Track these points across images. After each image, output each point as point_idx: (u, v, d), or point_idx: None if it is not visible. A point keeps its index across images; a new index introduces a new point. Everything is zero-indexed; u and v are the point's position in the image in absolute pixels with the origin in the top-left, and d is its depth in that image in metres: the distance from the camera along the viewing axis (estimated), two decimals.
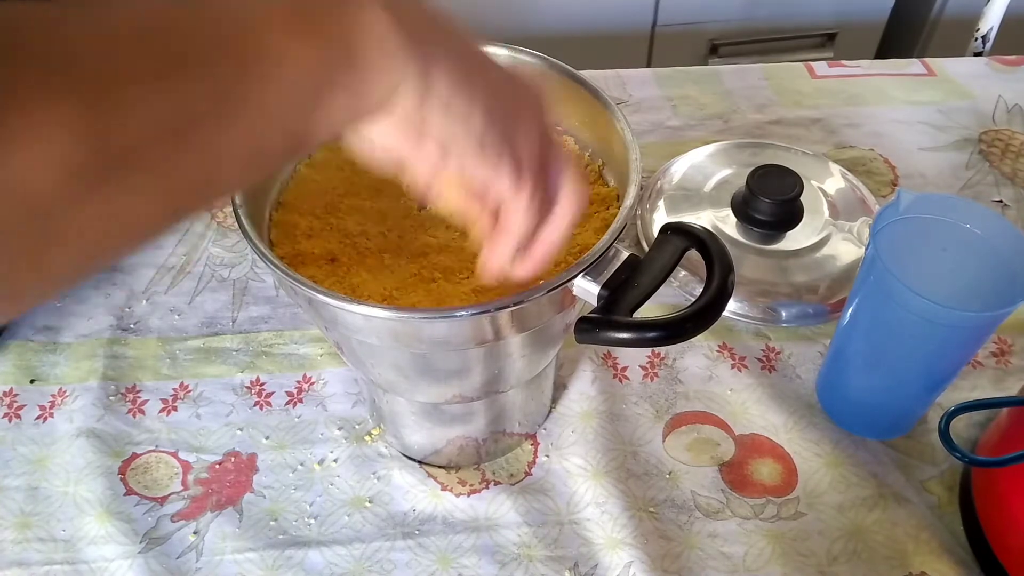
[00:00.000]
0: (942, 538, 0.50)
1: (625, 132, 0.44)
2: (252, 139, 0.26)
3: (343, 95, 0.28)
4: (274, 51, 0.26)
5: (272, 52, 0.26)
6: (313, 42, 0.26)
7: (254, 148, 0.27)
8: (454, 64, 0.30)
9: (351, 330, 0.39)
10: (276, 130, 0.27)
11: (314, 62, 0.26)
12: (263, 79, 0.25)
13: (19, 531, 0.51)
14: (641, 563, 0.48)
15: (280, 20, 0.26)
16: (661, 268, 0.37)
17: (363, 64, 0.28)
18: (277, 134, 0.27)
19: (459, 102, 0.30)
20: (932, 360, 0.49)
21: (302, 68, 0.26)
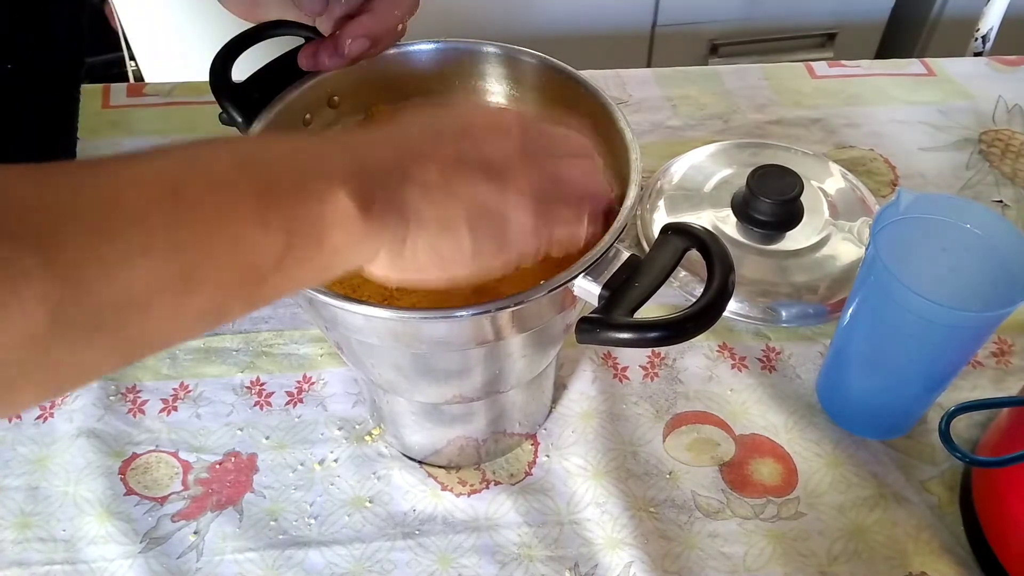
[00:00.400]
0: (942, 538, 0.50)
1: (625, 132, 0.44)
2: (211, 306, 0.29)
3: (309, 270, 0.30)
4: (237, 237, 0.28)
5: (235, 239, 0.28)
6: (276, 233, 0.28)
7: (213, 312, 0.29)
8: (429, 213, 0.32)
9: (351, 330, 0.39)
10: (236, 298, 0.29)
11: (277, 248, 0.29)
12: (225, 261, 0.28)
13: (19, 531, 0.51)
14: (641, 563, 0.48)
15: (245, 209, 0.28)
16: (662, 268, 0.37)
17: (330, 247, 0.30)
18: (236, 301, 0.30)
19: (443, 241, 0.33)
20: (932, 360, 0.49)
21: (264, 253, 0.28)
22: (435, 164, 0.33)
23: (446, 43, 0.50)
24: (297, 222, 0.29)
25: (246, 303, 0.30)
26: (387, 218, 0.31)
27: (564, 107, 0.49)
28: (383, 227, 0.31)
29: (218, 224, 0.27)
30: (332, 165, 0.31)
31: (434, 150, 0.34)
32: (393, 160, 0.33)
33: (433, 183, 0.33)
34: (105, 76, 1.38)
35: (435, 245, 0.33)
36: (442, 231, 0.33)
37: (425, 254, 0.33)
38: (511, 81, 0.50)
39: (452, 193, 0.33)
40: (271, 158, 0.30)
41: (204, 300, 0.28)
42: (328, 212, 0.30)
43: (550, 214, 0.35)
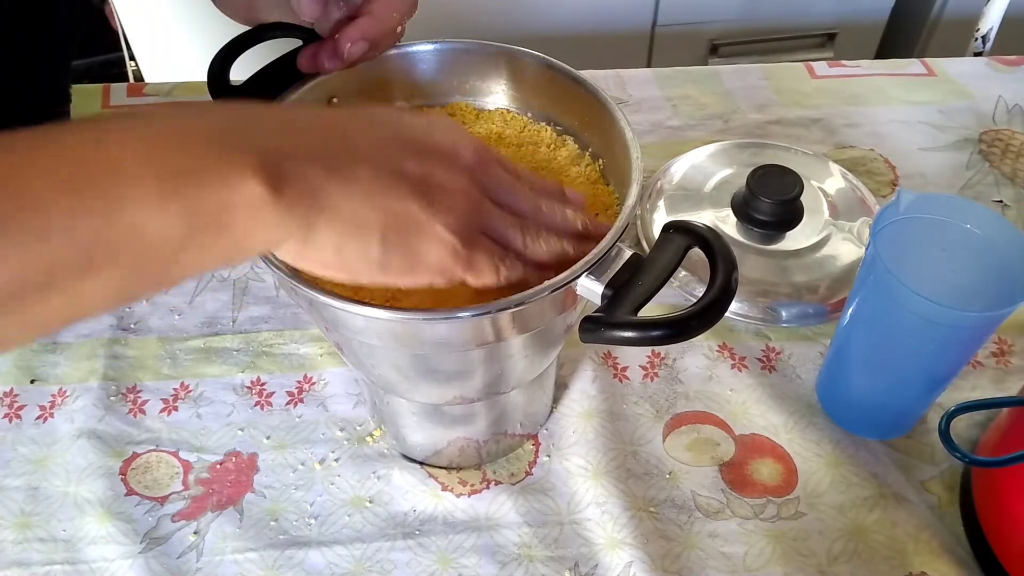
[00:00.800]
0: (942, 538, 0.50)
1: (626, 132, 0.44)
2: (113, 288, 0.29)
3: (215, 254, 0.30)
4: (135, 224, 0.28)
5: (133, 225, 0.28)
6: (176, 219, 0.28)
7: (117, 293, 0.30)
8: (344, 209, 0.32)
9: (352, 331, 0.39)
10: (139, 281, 0.30)
11: (177, 234, 0.29)
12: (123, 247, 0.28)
13: (19, 531, 0.51)
14: (641, 563, 0.48)
15: (145, 195, 0.28)
16: (664, 266, 0.37)
17: (235, 232, 0.30)
18: (140, 283, 0.30)
19: (350, 243, 0.32)
20: (932, 360, 0.49)
21: (163, 239, 0.28)
22: (369, 165, 0.33)
23: (446, 43, 0.50)
24: (198, 208, 0.29)
25: (152, 284, 0.30)
26: (299, 204, 0.31)
27: (564, 107, 0.49)
28: (292, 213, 0.30)
29: (117, 210, 0.28)
30: (250, 143, 0.30)
31: (375, 151, 0.34)
32: (326, 147, 0.32)
33: (359, 183, 0.32)
34: (105, 76, 1.38)
35: (341, 245, 0.32)
36: (351, 233, 0.32)
37: (330, 251, 0.32)
38: (511, 81, 0.50)
39: (375, 199, 0.32)
40: (183, 138, 0.30)
41: (105, 283, 0.29)
42: (233, 197, 0.29)
43: (470, 257, 0.35)
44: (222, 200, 0.29)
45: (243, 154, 0.30)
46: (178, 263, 0.30)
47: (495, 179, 0.37)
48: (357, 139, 0.34)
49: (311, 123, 0.34)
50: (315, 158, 0.32)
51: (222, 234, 0.30)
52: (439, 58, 0.50)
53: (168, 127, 0.30)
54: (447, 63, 0.50)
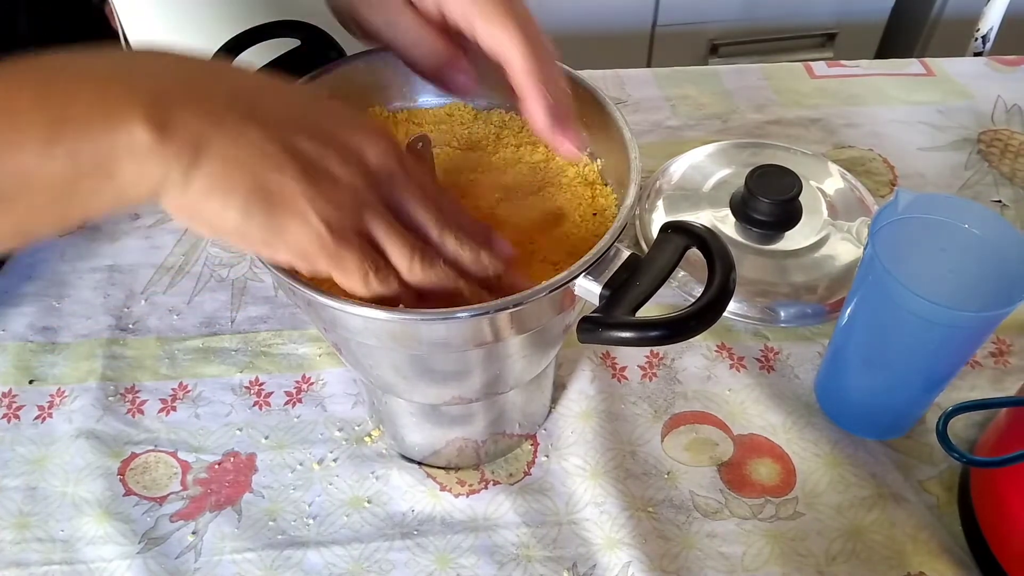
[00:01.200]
0: (941, 538, 0.50)
1: (625, 132, 0.43)
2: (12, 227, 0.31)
3: (104, 197, 0.31)
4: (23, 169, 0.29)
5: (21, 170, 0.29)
6: (61, 163, 0.29)
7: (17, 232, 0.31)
8: (217, 165, 0.31)
9: (350, 331, 0.39)
10: (36, 222, 0.31)
11: (64, 177, 0.30)
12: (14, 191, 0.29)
13: (18, 531, 0.51)
14: (640, 563, 0.48)
15: (32, 140, 0.29)
16: (662, 267, 0.37)
17: (121, 175, 0.30)
18: (38, 223, 0.31)
19: (213, 199, 0.32)
20: (931, 360, 0.49)
21: (51, 183, 0.29)
22: (261, 129, 0.32)
23: None
24: (83, 152, 0.29)
25: (49, 224, 0.32)
26: (182, 150, 0.30)
27: None
28: (174, 157, 0.30)
29: (7, 154, 0.29)
30: (143, 88, 0.30)
31: (274, 119, 0.33)
32: (223, 101, 0.32)
33: (242, 143, 0.32)
34: None
35: (206, 198, 0.32)
36: (216, 189, 0.32)
37: (194, 201, 0.32)
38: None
39: (254, 161, 0.32)
40: (76, 82, 0.30)
41: (6, 222, 0.30)
42: (118, 141, 0.29)
43: (337, 252, 0.34)
44: (106, 145, 0.30)
45: (131, 98, 0.30)
46: (71, 205, 0.31)
47: (396, 190, 0.36)
48: (261, 102, 0.33)
49: (217, 74, 0.34)
50: (206, 108, 0.31)
51: (108, 179, 0.30)
52: None
53: (59, 71, 0.30)
54: None
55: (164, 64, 0.33)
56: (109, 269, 0.64)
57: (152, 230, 0.67)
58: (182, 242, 0.66)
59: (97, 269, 0.64)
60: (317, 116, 0.35)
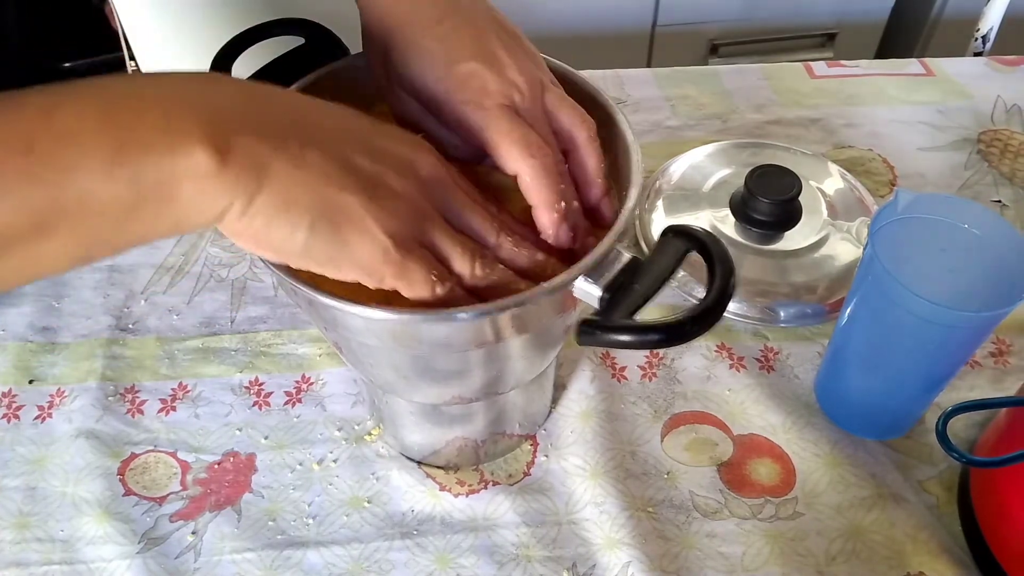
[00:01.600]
0: (940, 538, 0.50)
1: (627, 133, 0.43)
2: (69, 250, 0.31)
3: (164, 221, 0.31)
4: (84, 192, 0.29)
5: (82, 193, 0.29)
6: (123, 187, 0.29)
7: (73, 255, 0.31)
8: (282, 188, 0.32)
9: (351, 331, 0.39)
10: (93, 245, 0.31)
11: (125, 202, 0.30)
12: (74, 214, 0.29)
13: (17, 531, 0.51)
14: (639, 563, 0.48)
15: (94, 163, 0.29)
16: (662, 270, 0.37)
17: (181, 200, 0.30)
18: (95, 247, 0.31)
19: (280, 221, 0.32)
20: (930, 360, 0.49)
21: (112, 207, 0.30)
22: (320, 151, 0.33)
23: None
24: (145, 177, 0.29)
25: (106, 248, 0.32)
26: (243, 175, 0.31)
27: None
28: (236, 184, 0.31)
29: (66, 179, 0.29)
30: (202, 113, 0.31)
31: (329, 140, 0.34)
32: (280, 125, 0.33)
33: (304, 165, 0.32)
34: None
35: (271, 222, 0.32)
36: (283, 212, 0.32)
37: (260, 227, 0.32)
38: None
39: (316, 183, 0.32)
40: (136, 107, 0.30)
41: (61, 246, 0.30)
42: (179, 166, 0.30)
43: (403, 265, 0.34)
44: (168, 170, 0.30)
45: (193, 123, 0.30)
46: (130, 229, 0.31)
47: (450, 198, 0.37)
48: (315, 124, 0.34)
49: (271, 99, 0.34)
50: (266, 133, 0.32)
51: (169, 203, 0.30)
52: None
53: (122, 95, 0.31)
54: None
55: (222, 89, 0.33)
56: (109, 269, 0.64)
57: None
58: (182, 242, 0.66)
59: (97, 269, 0.64)
60: (367, 134, 0.36)
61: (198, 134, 0.30)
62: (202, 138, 0.30)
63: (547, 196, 0.40)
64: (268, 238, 0.33)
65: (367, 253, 0.34)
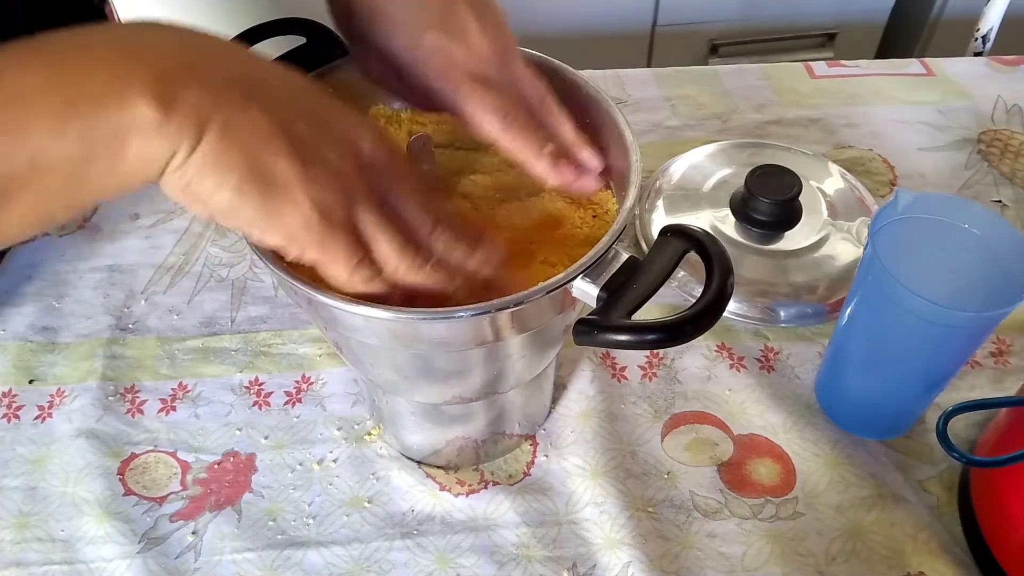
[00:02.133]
0: (940, 538, 0.50)
1: (626, 133, 0.43)
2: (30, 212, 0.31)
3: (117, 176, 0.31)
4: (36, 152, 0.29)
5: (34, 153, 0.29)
6: (73, 144, 0.30)
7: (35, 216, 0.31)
8: (216, 144, 0.31)
9: (350, 330, 0.40)
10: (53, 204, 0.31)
11: (76, 158, 0.30)
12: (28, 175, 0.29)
13: (17, 531, 0.51)
14: (639, 563, 0.48)
15: (44, 123, 0.29)
16: (660, 270, 0.37)
17: (128, 154, 0.30)
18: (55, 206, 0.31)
19: (208, 178, 0.32)
20: (930, 360, 0.49)
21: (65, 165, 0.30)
22: (262, 110, 0.32)
23: None
24: (93, 132, 0.29)
25: (63, 208, 0.32)
26: (184, 125, 0.30)
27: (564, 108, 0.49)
28: (178, 133, 0.30)
29: (18, 140, 0.29)
30: (149, 65, 0.30)
31: (272, 102, 0.33)
32: (229, 78, 0.32)
33: (241, 123, 0.32)
34: None
35: (201, 176, 0.32)
36: (213, 167, 0.32)
37: (191, 179, 0.32)
38: None
39: (251, 141, 0.32)
40: (85, 59, 0.30)
41: (22, 208, 0.30)
42: (126, 118, 0.30)
43: (323, 240, 0.34)
44: (115, 123, 0.30)
45: (140, 77, 0.30)
46: (82, 187, 0.31)
47: (388, 183, 0.36)
48: (263, 83, 0.33)
49: (223, 53, 0.34)
50: (211, 86, 0.31)
51: (118, 157, 0.30)
52: None
53: (71, 49, 0.30)
54: None
55: (171, 40, 0.33)
56: (109, 269, 0.64)
57: (152, 230, 0.67)
58: (182, 242, 0.66)
59: (97, 269, 0.64)
60: (315, 104, 0.35)
61: (144, 86, 0.30)
62: (148, 90, 0.30)
63: (531, 147, 0.40)
64: (197, 192, 0.32)
65: (290, 220, 0.33)
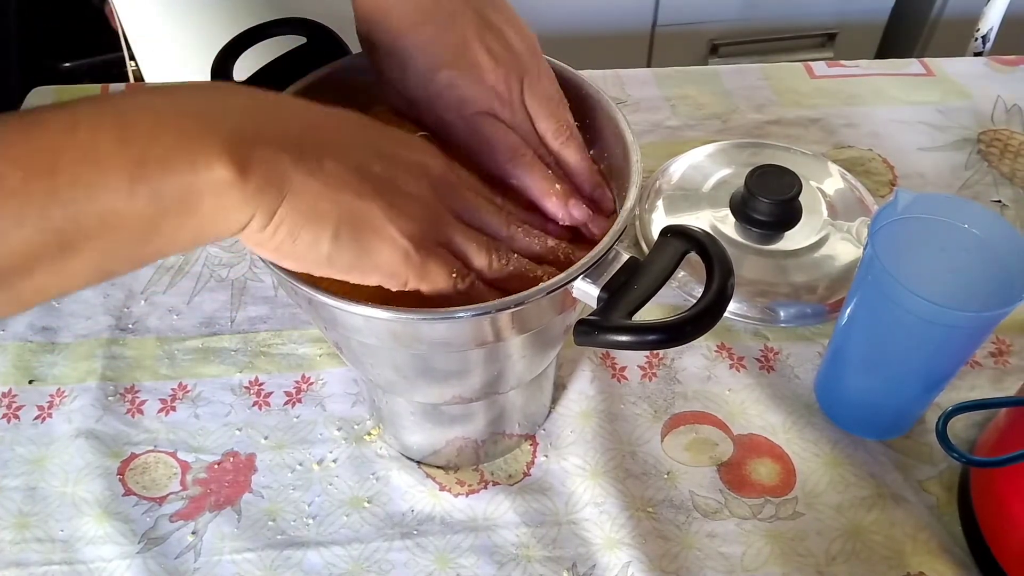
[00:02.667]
0: (940, 538, 0.50)
1: (626, 134, 0.43)
2: (92, 267, 0.31)
3: (185, 235, 0.31)
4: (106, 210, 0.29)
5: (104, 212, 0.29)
6: (144, 203, 0.30)
7: (96, 271, 0.31)
8: (304, 199, 0.32)
9: (350, 330, 0.40)
10: (115, 261, 0.31)
11: (146, 218, 0.30)
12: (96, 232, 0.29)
13: (17, 531, 0.51)
14: (639, 563, 0.48)
15: (115, 181, 0.29)
16: (661, 271, 0.37)
17: (202, 214, 0.31)
18: (117, 263, 0.32)
19: (304, 232, 0.33)
20: (930, 360, 0.49)
21: (134, 223, 0.30)
22: (336, 160, 0.33)
23: None
24: (167, 192, 0.30)
25: (128, 264, 0.32)
26: (265, 189, 0.31)
27: None
28: (258, 196, 0.31)
29: (88, 198, 0.29)
30: (219, 126, 0.31)
31: (343, 148, 0.34)
32: (296, 136, 0.33)
33: (322, 175, 0.33)
34: (105, 76, 1.38)
35: (294, 233, 0.33)
36: (307, 223, 0.32)
37: (285, 237, 0.33)
38: None
39: (335, 193, 0.33)
40: (153, 122, 0.30)
41: (84, 263, 0.30)
42: (200, 180, 0.30)
43: (423, 265, 0.35)
44: (189, 184, 0.30)
45: (211, 138, 0.30)
46: (152, 244, 0.31)
47: (460, 197, 0.38)
48: (328, 133, 0.34)
49: (284, 110, 0.34)
50: (284, 145, 0.32)
51: (190, 217, 0.30)
52: None
53: (139, 111, 0.31)
54: None
55: (233, 100, 0.33)
56: None
57: None
58: None
59: None
60: (377, 139, 0.36)
61: (216, 148, 0.30)
62: (220, 152, 0.30)
63: (541, 186, 0.41)
64: (292, 249, 0.33)
65: (389, 258, 0.35)
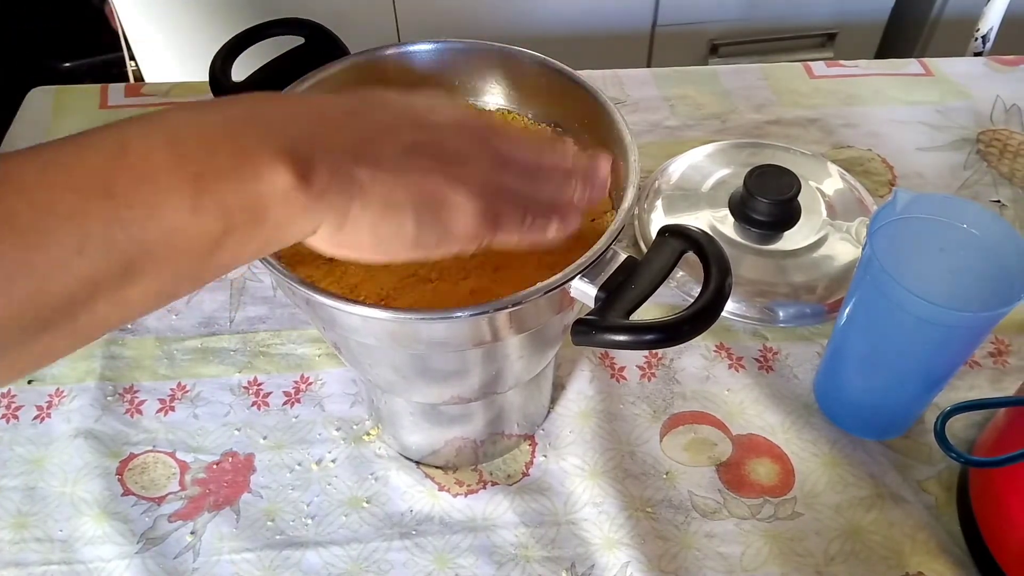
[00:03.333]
0: (939, 538, 0.50)
1: (624, 134, 0.43)
2: (155, 291, 0.29)
3: (252, 246, 0.30)
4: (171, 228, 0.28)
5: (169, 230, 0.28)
6: (211, 217, 0.29)
7: (159, 295, 0.30)
8: (375, 192, 0.32)
9: (349, 330, 0.40)
10: (180, 281, 0.30)
11: (214, 232, 0.29)
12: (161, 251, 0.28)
13: (16, 531, 0.51)
14: (638, 563, 0.48)
15: (177, 198, 0.28)
16: (658, 270, 0.37)
17: (270, 223, 0.30)
18: (181, 282, 0.30)
19: (386, 224, 0.32)
20: (929, 360, 0.49)
21: (201, 239, 0.29)
22: (389, 145, 0.33)
23: (446, 43, 0.50)
24: (233, 203, 0.29)
25: (192, 282, 0.31)
26: (330, 193, 0.31)
27: (563, 108, 0.49)
28: (325, 202, 0.31)
29: (152, 217, 0.28)
30: (273, 135, 0.30)
31: (389, 131, 0.34)
32: (347, 134, 0.33)
33: (384, 163, 0.32)
34: (105, 76, 1.38)
35: (376, 226, 0.32)
36: (386, 214, 0.32)
37: (366, 234, 0.32)
38: (510, 81, 0.50)
39: (402, 177, 0.33)
40: (206, 136, 0.30)
41: (147, 287, 0.29)
42: (265, 189, 0.29)
43: (496, 218, 0.35)
44: (254, 194, 0.29)
45: (268, 146, 0.30)
46: (216, 258, 0.30)
47: (509, 144, 0.37)
48: (369, 121, 0.34)
49: (323, 110, 0.34)
50: (338, 143, 0.32)
51: (258, 227, 0.30)
52: (438, 58, 0.50)
53: (188, 127, 0.30)
54: (446, 63, 0.50)
55: (277, 108, 0.33)
56: None
57: None
58: None
59: None
60: (417, 111, 0.36)
61: (276, 156, 0.29)
62: (280, 158, 0.29)
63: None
64: (376, 243, 0.33)
65: (466, 220, 0.34)
